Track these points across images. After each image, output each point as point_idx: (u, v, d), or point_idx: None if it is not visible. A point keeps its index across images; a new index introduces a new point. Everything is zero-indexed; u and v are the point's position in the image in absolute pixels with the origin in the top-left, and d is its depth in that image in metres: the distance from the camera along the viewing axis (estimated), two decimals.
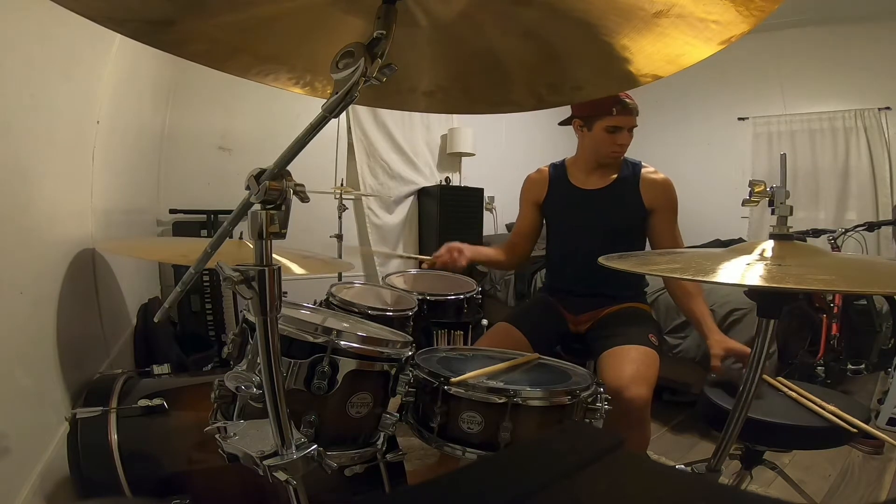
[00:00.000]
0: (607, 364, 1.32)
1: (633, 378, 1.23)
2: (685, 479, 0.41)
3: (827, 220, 4.06)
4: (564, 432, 0.56)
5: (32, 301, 1.16)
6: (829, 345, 2.63)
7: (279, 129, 3.00)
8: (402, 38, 0.60)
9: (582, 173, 1.63)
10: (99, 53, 1.63)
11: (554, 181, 1.67)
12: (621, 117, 1.48)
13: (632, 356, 1.31)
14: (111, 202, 1.85)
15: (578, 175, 1.63)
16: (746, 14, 0.55)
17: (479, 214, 3.96)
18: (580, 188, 1.61)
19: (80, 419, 1.01)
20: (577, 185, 1.62)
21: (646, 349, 1.35)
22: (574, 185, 1.63)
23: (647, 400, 1.22)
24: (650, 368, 1.30)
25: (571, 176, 1.64)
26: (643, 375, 1.26)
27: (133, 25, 0.65)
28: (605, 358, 1.35)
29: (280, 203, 0.57)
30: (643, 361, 1.30)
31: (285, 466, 0.64)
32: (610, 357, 1.33)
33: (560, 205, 1.66)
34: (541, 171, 1.72)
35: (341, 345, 0.86)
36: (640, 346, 1.35)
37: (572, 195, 1.62)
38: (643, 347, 1.35)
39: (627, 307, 1.55)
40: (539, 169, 1.73)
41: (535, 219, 1.72)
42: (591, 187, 1.59)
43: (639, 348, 1.34)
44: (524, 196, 1.74)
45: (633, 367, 1.27)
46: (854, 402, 1.16)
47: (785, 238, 0.79)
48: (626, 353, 1.32)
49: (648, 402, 1.23)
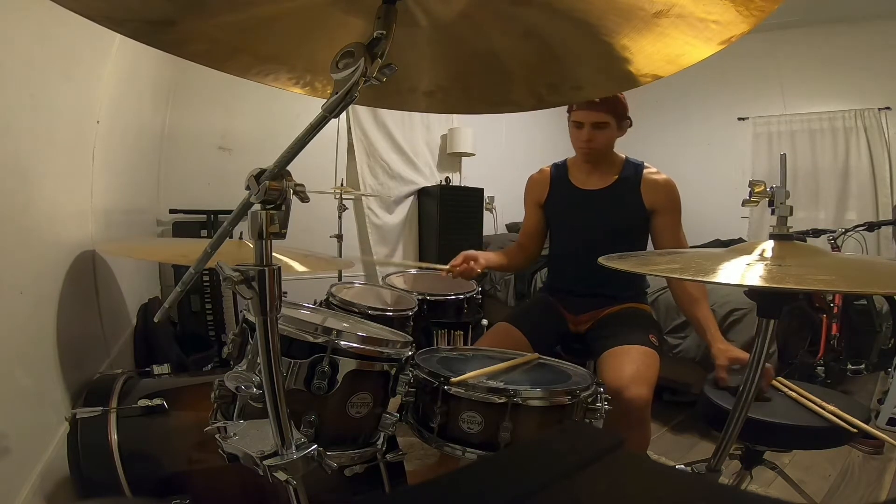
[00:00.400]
0: (608, 364, 1.31)
1: (633, 378, 1.22)
2: (685, 479, 0.41)
3: (827, 220, 4.06)
4: (564, 432, 0.56)
5: (32, 301, 1.16)
6: (829, 345, 2.63)
7: (279, 129, 3.00)
8: (402, 38, 0.60)
9: (582, 173, 1.62)
10: (99, 53, 1.63)
11: (555, 181, 1.67)
12: (580, 111, 1.47)
13: (632, 356, 1.31)
14: (111, 202, 1.85)
15: (579, 175, 1.63)
16: (746, 14, 0.55)
17: (479, 214, 3.96)
18: (580, 188, 1.61)
19: (80, 419, 1.01)
20: (578, 186, 1.61)
21: (646, 349, 1.34)
22: (574, 185, 1.62)
23: (648, 400, 1.22)
24: (650, 368, 1.30)
25: (572, 176, 1.64)
26: (643, 375, 1.25)
27: (133, 25, 0.65)
28: (605, 358, 1.34)
29: (280, 203, 0.57)
30: (643, 362, 1.30)
31: (285, 466, 0.64)
32: (610, 357, 1.33)
33: (561, 205, 1.66)
34: (542, 172, 1.71)
35: (341, 345, 0.86)
36: (641, 346, 1.35)
37: (573, 195, 1.62)
38: (643, 347, 1.35)
39: (628, 307, 1.54)
40: (541, 169, 1.72)
41: (540, 219, 1.72)
42: (592, 187, 1.59)
43: (639, 348, 1.34)
44: (527, 197, 1.74)
45: (633, 368, 1.27)
46: (854, 402, 1.16)
47: (785, 238, 0.79)
48: (626, 354, 1.32)
49: (649, 403, 1.23)
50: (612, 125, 1.49)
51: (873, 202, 4.04)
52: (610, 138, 1.52)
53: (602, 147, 1.52)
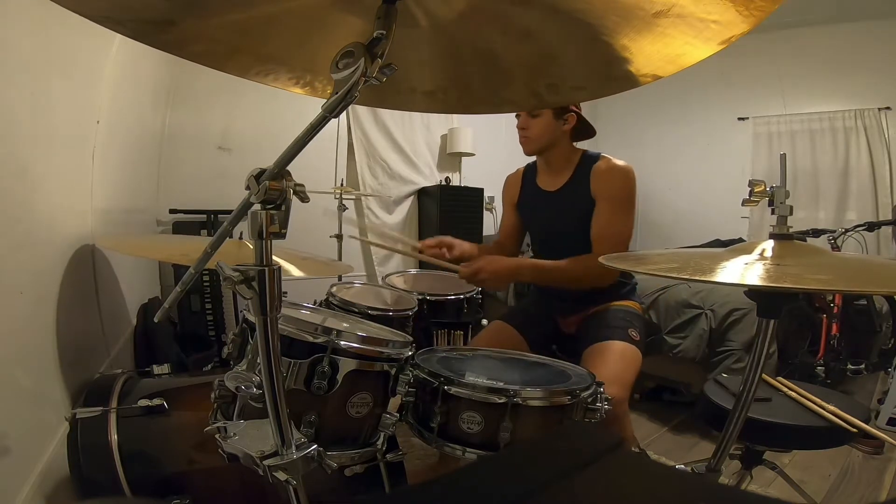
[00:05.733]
0: (585, 363, 1.30)
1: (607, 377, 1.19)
2: (685, 479, 0.41)
3: (827, 220, 4.06)
4: (564, 432, 0.56)
5: (32, 301, 1.16)
6: (829, 345, 2.63)
7: (279, 129, 3.00)
8: (402, 38, 0.60)
9: (543, 173, 1.61)
10: (99, 53, 1.63)
11: (525, 182, 1.67)
12: None
13: (608, 354, 1.30)
14: (111, 202, 1.85)
15: (542, 175, 1.62)
16: (746, 14, 0.55)
17: (479, 214, 3.96)
18: (541, 189, 1.60)
19: (80, 419, 1.01)
20: (541, 187, 1.61)
21: (624, 345, 1.33)
22: (538, 185, 1.62)
23: (623, 398, 1.21)
24: (628, 365, 1.29)
25: (538, 176, 1.63)
26: (618, 373, 1.24)
27: (133, 25, 0.64)
28: (584, 357, 1.34)
29: (280, 203, 0.57)
30: (620, 359, 1.29)
31: (285, 466, 0.64)
32: (588, 356, 1.33)
33: (529, 206, 1.67)
34: (517, 172, 1.72)
35: (341, 345, 0.86)
36: (619, 341, 1.33)
37: (537, 196, 1.62)
38: (622, 343, 1.33)
39: (613, 305, 1.52)
40: (517, 169, 1.73)
41: (516, 219, 1.73)
42: (550, 189, 1.58)
43: (617, 344, 1.32)
44: (504, 197, 1.76)
45: (608, 366, 1.25)
46: (854, 402, 1.16)
47: (784, 238, 0.79)
48: (601, 352, 1.31)
49: (625, 400, 1.21)
50: (547, 114, 1.44)
51: (873, 202, 4.04)
52: (545, 130, 1.46)
53: (536, 138, 1.47)
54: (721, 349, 2.20)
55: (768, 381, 1.27)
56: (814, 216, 4.17)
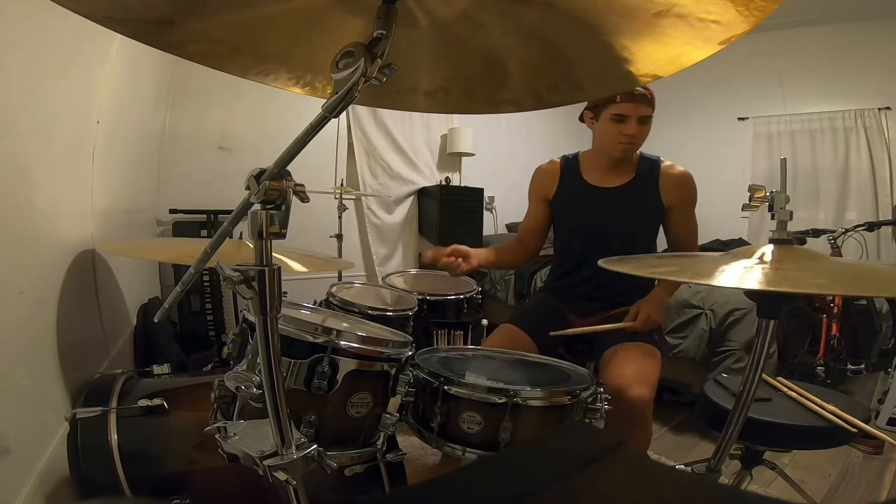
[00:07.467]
0: (609, 363, 1.29)
1: (635, 377, 1.20)
2: (685, 479, 0.41)
3: (827, 220, 4.06)
4: (564, 432, 0.56)
5: (32, 301, 1.16)
6: (829, 345, 2.63)
7: (279, 129, 2.99)
8: (402, 38, 0.60)
9: (595, 170, 1.54)
10: (99, 53, 1.63)
11: (565, 175, 1.58)
12: (626, 104, 1.40)
13: (634, 355, 1.29)
14: (111, 202, 1.85)
15: (592, 171, 1.54)
16: (746, 14, 0.55)
17: (479, 214, 3.95)
18: (593, 185, 1.53)
19: (80, 419, 1.01)
20: (591, 183, 1.53)
21: (648, 347, 1.32)
22: (587, 181, 1.54)
23: (650, 399, 1.19)
24: (652, 367, 1.28)
25: (584, 171, 1.55)
26: (645, 375, 1.23)
27: (133, 25, 0.64)
28: (607, 356, 1.32)
29: (280, 203, 0.57)
30: (645, 360, 1.28)
31: (285, 466, 0.64)
32: (612, 355, 1.31)
33: (570, 202, 1.57)
34: (552, 163, 1.61)
35: (341, 345, 0.86)
36: (644, 343, 1.32)
37: (584, 193, 1.53)
38: (646, 346, 1.32)
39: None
40: (551, 160, 1.62)
41: (545, 214, 1.62)
42: (606, 185, 1.51)
43: (642, 346, 1.31)
44: (533, 190, 1.64)
45: (635, 367, 1.24)
46: (854, 402, 1.16)
47: (784, 242, 0.79)
48: (628, 352, 1.30)
49: (651, 402, 1.20)
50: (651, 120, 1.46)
51: (873, 202, 4.03)
52: (648, 134, 1.48)
53: (642, 143, 1.48)
54: (721, 349, 2.20)
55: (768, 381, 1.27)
56: (814, 216, 4.17)
